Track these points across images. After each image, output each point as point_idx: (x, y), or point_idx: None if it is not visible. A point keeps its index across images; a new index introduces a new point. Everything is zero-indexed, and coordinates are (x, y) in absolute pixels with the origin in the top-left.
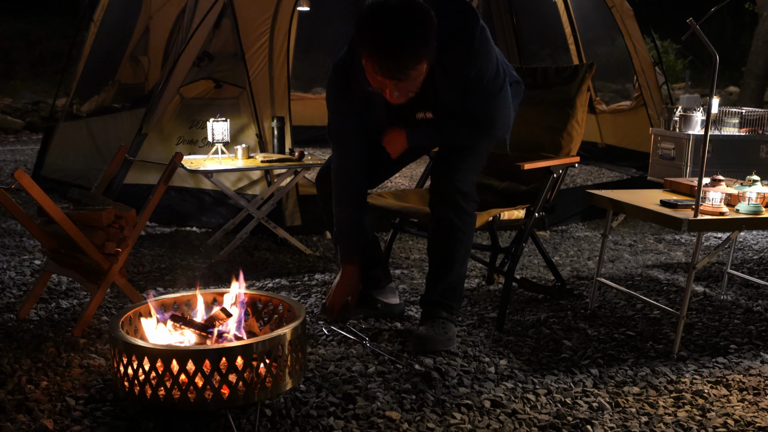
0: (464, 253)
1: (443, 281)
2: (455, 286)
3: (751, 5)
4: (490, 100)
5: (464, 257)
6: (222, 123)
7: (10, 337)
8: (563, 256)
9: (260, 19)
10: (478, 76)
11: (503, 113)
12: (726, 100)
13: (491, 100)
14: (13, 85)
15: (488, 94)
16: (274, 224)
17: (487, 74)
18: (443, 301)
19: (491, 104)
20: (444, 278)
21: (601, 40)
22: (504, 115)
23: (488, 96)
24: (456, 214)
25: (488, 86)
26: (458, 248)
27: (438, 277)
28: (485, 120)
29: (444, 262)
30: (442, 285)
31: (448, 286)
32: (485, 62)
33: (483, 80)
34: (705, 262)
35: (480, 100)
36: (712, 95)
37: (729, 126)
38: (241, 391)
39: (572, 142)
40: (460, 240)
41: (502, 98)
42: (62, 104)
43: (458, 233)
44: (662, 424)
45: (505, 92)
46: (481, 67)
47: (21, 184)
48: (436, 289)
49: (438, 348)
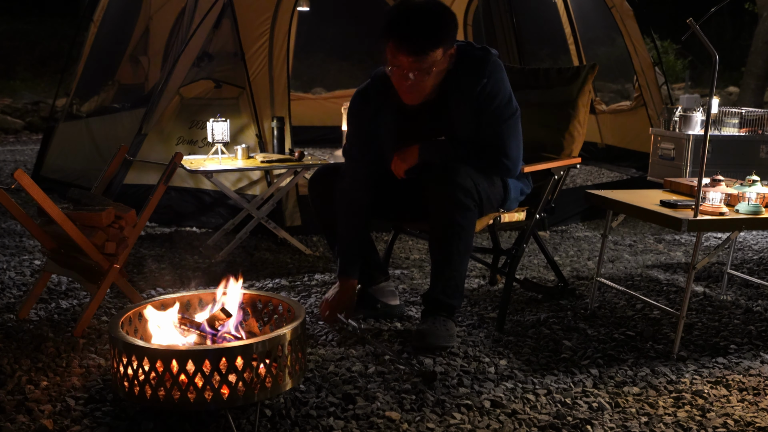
0: (464, 249)
1: (444, 277)
2: (457, 282)
3: (750, 5)
4: (502, 124)
5: (464, 253)
6: (222, 123)
7: (10, 337)
8: (563, 256)
9: (260, 19)
10: (490, 98)
11: (515, 139)
12: (726, 100)
13: (503, 125)
14: (12, 86)
15: (501, 118)
16: (274, 224)
17: (499, 97)
18: (445, 299)
19: (503, 129)
20: (444, 274)
21: (601, 41)
22: (516, 142)
23: (501, 120)
24: (457, 209)
25: (501, 110)
26: (458, 244)
27: (439, 272)
28: (499, 145)
29: (444, 257)
30: (443, 281)
31: (449, 282)
32: (497, 86)
33: (495, 102)
34: (705, 262)
35: (493, 123)
36: (712, 95)
37: (729, 126)
38: (240, 392)
39: (574, 143)
40: (459, 236)
41: (514, 124)
42: (62, 104)
43: (458, 229)
44: (662, 424)
45: (516, 120)
46: (492, 89)
47: (21, 184)
48: (438, 285)
49: (439, 343)
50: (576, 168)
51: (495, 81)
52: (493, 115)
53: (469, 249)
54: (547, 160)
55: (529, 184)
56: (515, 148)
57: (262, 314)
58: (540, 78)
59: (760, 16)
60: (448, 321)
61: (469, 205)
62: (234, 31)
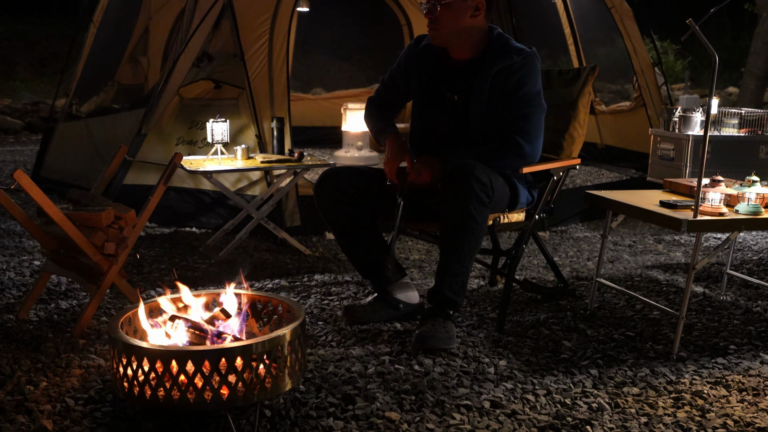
0: (474, 245)
1: (453, 272)
2: (463, 279)
3: (750, 6)
4: (528, 109)
5: (473, 249)
6: (221, 123)
7: (10, 337)
8: (563, 256)
9: (260, 19)
10: (519, 84)
11: (537, 126)
12: (725, 100)
13: (529, 110)
14: (12, 86)
15: (528, 105)
16: (273, 225)
17: (528, 86)
18: (451, 295)
19: (528, 113)
20: (454, 269)
21: (601, 41)
22: (537, 130)
23: (528, 106)
24: (473, 202)
25: (529, 99)
26: (470, 238)
27: (448, 267)
28: (517, 129)
29: (455, 252)
30: (452, 276)
31: (456, 278)
32: (528, 77)
33: (524, 89)
34: (704, 262)
35: (519, 107)
36: (712, 96)
37: (728, 126)
38: (240, 392)
39: (574, 144)
40: (473, 230)
41: (539, 114)
42: (62, 105)
43: (472, 222)
44: (662, 424)
45: (542, 112)
46: (523, 77)
47: (20, 184)
48: (446, 281)
49: (439, 345)
50: (576, 169)
51: (527, 71)
52: (519, 100)
53: (478, 246)
54: (546, 160)
55: (534, 193)
56: (535, 133)
57: (261, 315)
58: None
59: (760, 16)
60: (447, 322)
61: (485, 201)
62: (234, 31)
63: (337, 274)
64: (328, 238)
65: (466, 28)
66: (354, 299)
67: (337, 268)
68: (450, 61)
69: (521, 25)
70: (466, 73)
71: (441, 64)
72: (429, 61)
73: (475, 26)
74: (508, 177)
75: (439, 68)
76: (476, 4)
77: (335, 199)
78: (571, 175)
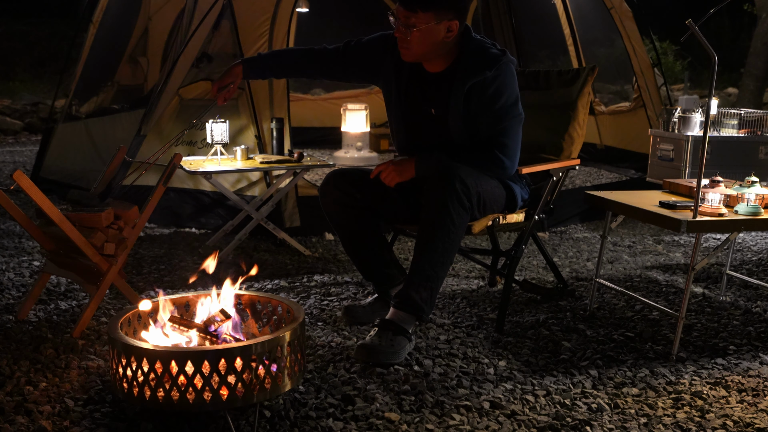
0: (449, 246)
1: (421, 273)
2: (432, 285)
3: (749, 6)
4: (504, 123)
5: (447, 251)
6: (221, 124)
7: (9, 338)
8: (562, 257)
9: (259, 20)
10: (494, 97)
11: (514, 140)
12: (725, 101)
13: (505, 124)
14: (12, 86)
15: (504, 118)
16: (273, 225)
17: (504, 98)
18: (416, 299)
19: (505, 127)
20: (423, 269)
21: (600, 42)
22: (515, 143)
23: (504, 119)
24: (453, 203)
25: (505, 111)
26: (445, 241)
27: (417, 266)
28: (498, 141)
29: (427, 254)
30: (420, 278)
31: (424, 281)
32: (503, 87)
33: (500, 102)
34: (704, 263)
35: (495, 121)
36: (711, 96)
37: (728, 127)
38: (240, 393)
39: (573, 145)
40: (449, 233)
41: (516, 126)
42: (61, 105)
43: (450, 224)
44: (661, 425)
45: (519, 123)
46: (498, 89)
47: (20, 185)
48: (413, 282)
49: (381, 360)
50: (575, 169)
51: (501, 81)
52: (496, 114)
53: (452, 252)
54: (546, 161)
55: (527, 189)
56: (513, 147)
57: (261, 315)
58: (540, 80)
59: (759, 17)
60: (397, 336)
61: (465, 203)
62: (233, 32)
63: (337, 275)
64: (328, 238)
65: (438, 44)
66: (354, 300)
67: (337, 269)
68: (424, 74)
69: (521, 26)
70: (441, 84)
71: (415, 76)
72: (403, 72)
73: (449, 42)
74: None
75: (414, 79)
76: (449, 26)
77: (340, 201)
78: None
